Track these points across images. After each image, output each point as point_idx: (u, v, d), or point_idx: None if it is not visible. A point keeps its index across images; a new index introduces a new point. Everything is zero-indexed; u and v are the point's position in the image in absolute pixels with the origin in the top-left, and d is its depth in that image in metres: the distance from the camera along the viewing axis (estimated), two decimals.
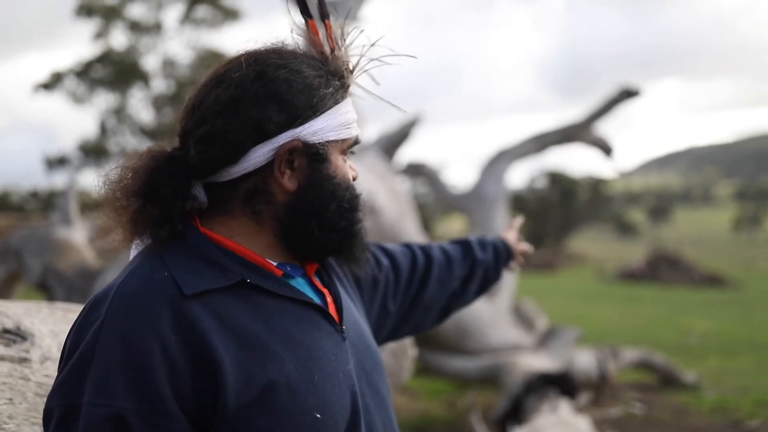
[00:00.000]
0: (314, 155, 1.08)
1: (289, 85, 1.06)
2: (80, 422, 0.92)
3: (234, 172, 1.06)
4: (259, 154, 1.05)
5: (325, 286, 1.19)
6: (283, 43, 1.13)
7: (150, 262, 1.03)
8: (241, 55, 1.10)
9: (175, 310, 0.96)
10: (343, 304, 1.18)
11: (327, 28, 1.12)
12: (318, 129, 1.08)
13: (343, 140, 1.12)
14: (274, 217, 1.08)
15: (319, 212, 1.09)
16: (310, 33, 1.13)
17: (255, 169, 1.06)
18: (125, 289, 0.99)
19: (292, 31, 1.14)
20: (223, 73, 1.08)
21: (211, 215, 1.09)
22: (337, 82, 1.11)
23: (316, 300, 1.12)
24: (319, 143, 1.08)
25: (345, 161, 1.15)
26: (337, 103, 1.10)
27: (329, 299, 1.16)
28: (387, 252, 1.47)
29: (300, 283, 1.13)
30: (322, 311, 1.11)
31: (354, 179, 1.18)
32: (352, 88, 1.16)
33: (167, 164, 1.07)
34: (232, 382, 0.95)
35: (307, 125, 1.07)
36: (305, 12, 1.12)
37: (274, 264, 1.09)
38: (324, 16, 1.12)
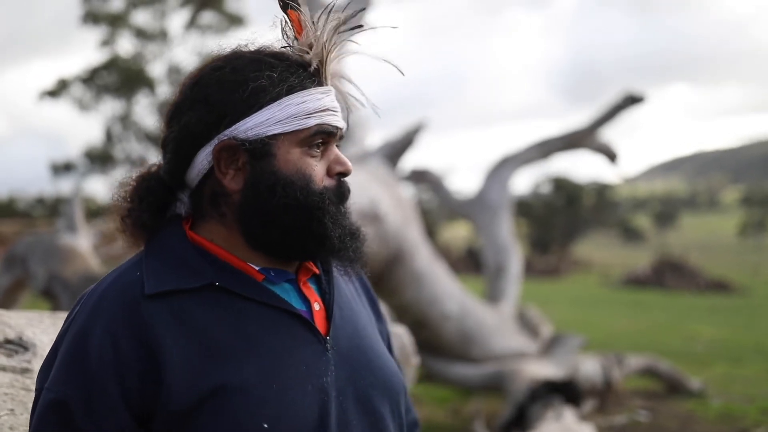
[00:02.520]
0: (252, 151, 1.05)
1: (220, 85, 1.06)
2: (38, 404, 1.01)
3: (194, 178, 1.10)
4: (202, 158, 1.07)
5: (322, 293, 1.15)
6: (245, 45, 1.11)
7: (130, 263, 1.09)
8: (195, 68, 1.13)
9: (132, 309, 1.01)
10: (336, 314, 1.13)
11: (292, 18, 1.09)
12: (256, 124, 1.05)
13: (298, 131, 1.06)
14: (234, 218, 1.08)
15: (260, 210, 1.06)
16: (284, 25, 1.11)
17: (207, 173, 1.08)
18: (98, 287, 1.06)
19: (273, 25, 1.11)
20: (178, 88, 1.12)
21: (197, 221, 1.12)
22: (272, 75, 1.05)
23: (298, 307, 1.09)
24: (257, 138, 1.04)
25: (312, 155, 1.08)
26: (282, 95, 1.05)
27: (318, 308, 1.12)
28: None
29: (284, 290, 1.10)
30: (303, 320, 1.07)
31: (342, 174, 1.11)
32: (330, 78, 1.10)
33: (155, 171, 1.14)
34: (176, 384, 0.97)
35: (241, 122, 1.05)
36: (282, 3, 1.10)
37: (257, 269, 1.09)
38: (286, 6, 1.09)
